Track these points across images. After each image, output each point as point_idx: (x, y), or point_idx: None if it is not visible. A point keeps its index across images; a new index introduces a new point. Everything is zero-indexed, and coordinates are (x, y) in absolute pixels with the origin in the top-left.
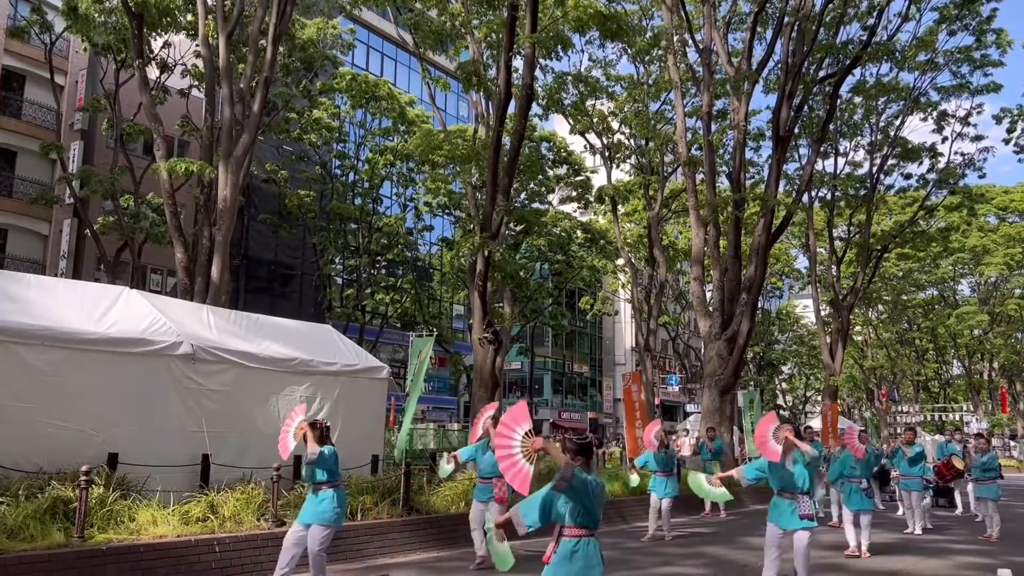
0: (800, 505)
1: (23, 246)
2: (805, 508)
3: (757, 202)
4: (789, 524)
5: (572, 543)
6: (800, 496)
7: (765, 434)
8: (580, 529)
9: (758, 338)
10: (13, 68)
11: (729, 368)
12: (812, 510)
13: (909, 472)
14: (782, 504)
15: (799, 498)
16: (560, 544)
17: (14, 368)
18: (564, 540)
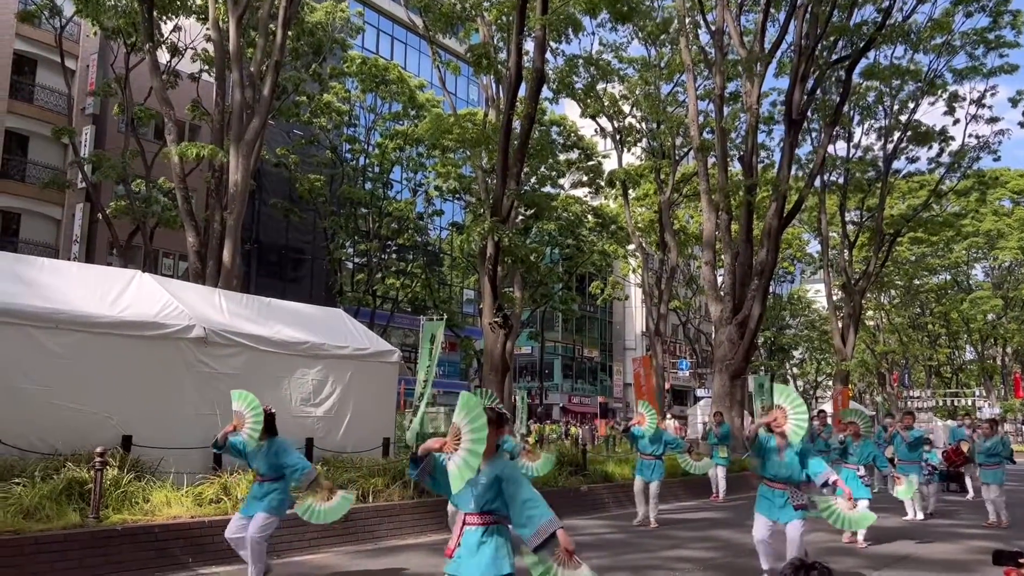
0: (793, 496)
1: (36, 230)
2: (798, 499)
3: (769, 186)
4: (782, 516)
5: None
6: (791, 487)
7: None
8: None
9: (769, 323)
10: (25, 53)
11: (740, 353)
12: (805, 500)
13: (908, 457)
14: (773, 494)
15: (791, 489)
16: (464, 534)
17: (29, 351)
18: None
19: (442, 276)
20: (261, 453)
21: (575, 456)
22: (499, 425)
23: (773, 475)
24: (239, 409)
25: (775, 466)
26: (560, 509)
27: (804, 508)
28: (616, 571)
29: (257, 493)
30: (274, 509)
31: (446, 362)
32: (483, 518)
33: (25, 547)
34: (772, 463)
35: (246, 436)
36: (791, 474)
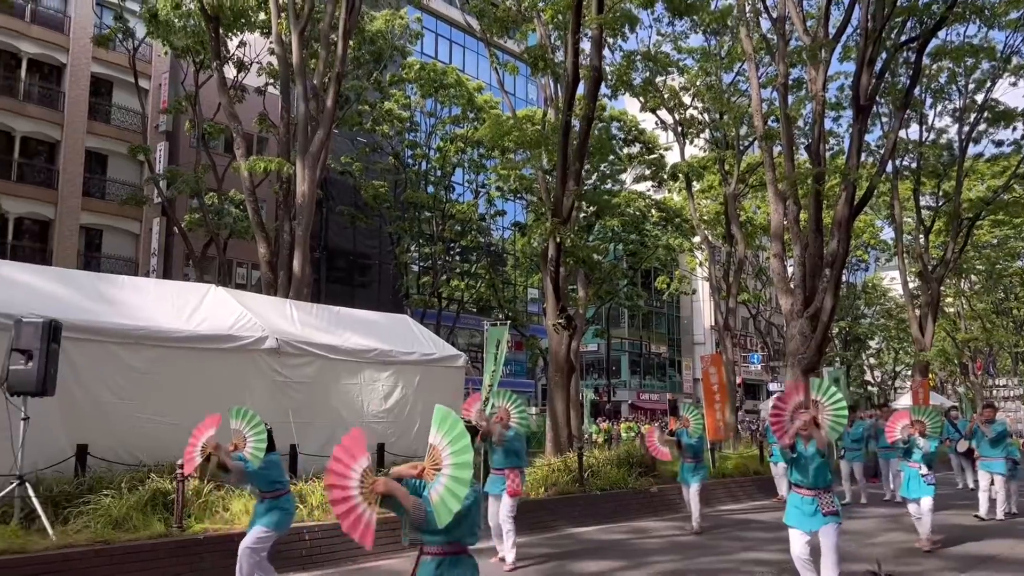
0: (823, 502)
1: (117, 245)
2: (829, 505)
3: (838, 174)
4: (812, 525)
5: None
6: (822, 493)
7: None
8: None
9: (843, 313)
10: (101, 75)
11: (812, 346)
12: (836, 506)
13: (990, 453)
14: (802, 502)
15: (821, 495)
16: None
17: (113, 367)
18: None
19: (506, 276)
20: (257, 470)
21: (644, 456)
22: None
23: (800, 480)
24: (238, 427)
25: (802, 470)
26: (631, 510)
27: (836, 514)
28: (688, 575)
29: (260, 511)
30: (275, 524)
31: (512, 361)
32: (442, 547)
33: (115, 556)
34: (800, 467)
35: (249, 455)
36: (817, 477)
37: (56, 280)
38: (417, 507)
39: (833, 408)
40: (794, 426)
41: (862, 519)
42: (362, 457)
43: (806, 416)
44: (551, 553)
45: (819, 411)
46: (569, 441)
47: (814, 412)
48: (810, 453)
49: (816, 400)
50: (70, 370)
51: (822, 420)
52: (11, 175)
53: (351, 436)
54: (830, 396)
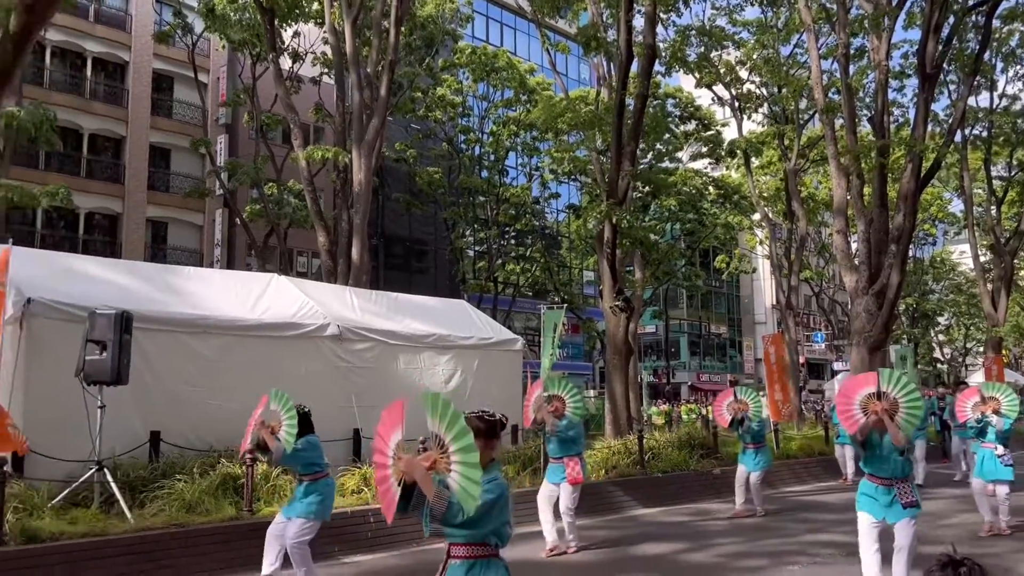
0: (900, 492)
1: (182, 237)
2: (907, 496)
3: (903, 146)
4: (888, 516)
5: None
6: (899, 483)
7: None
8: (473, 547)
9: (910, 289)
10: (162, 71)
11: (878, 324)
12: (916, 496)
13: None
14: (876, 491)
15: (898, 484)
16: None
17: (182, 355)
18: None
19: (561, 259)
20: (295, 452)
21: (706, 438)
22: (490, 435)
23: (875, 471)
24: (275, 409)
25: (877, 460)
26: (692, 492)
27: (914, 505)
28: (754, 557)
29: (299, 494)
30: (313, 513)
31: (569, 344)
32: (470, 549)
33: (190, 539)
34: (876, 457)
35: (283, 437)
36: (896, 468)
37: (126, 273)
38: (440, 496)
39: (907, 401)
40: (866, 421)
41: (933, 500)
42: (396, 430)
43: (878, 408)
44: (613, 536)
45: (891, 404)
46: (629, 424)
47: (886, 405)
48: (887, 442)
49: (887, 392)
50: (142, 359)
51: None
52: (80, 171)
53: (391, 408)
54: (903, 387)
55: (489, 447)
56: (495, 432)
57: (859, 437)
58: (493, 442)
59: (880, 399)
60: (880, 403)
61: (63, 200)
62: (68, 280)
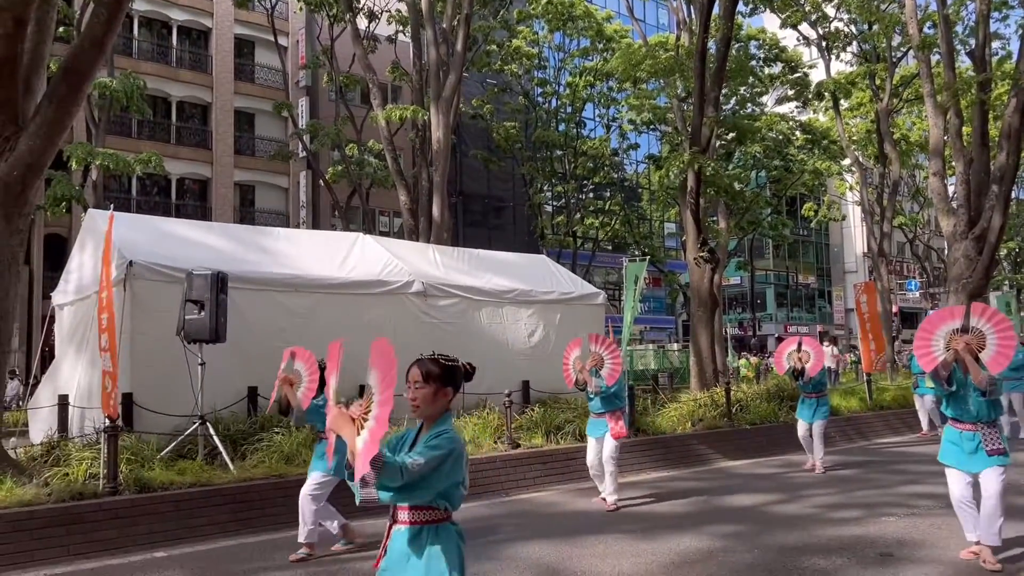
0: (986, 438)
1: (268, 199)
2: (993, 443)
3: (1006, 80)
4: (973, 466)
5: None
6: (985, 427)
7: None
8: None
9: (1012, 232)
10: (243, 36)
11: (979, 269)
12: (1003, 443)
13: None
14: (960, 438)
15: (984, 429)
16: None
17: (275, 313)
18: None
19: (641, 211)
20: (313, 408)
21: (795, 390)
22: (445, 382)
23: (958, 414)
24: (298, 367)
25: (960, 402)
26: (782, 444)
27: (1002, 453)
28: (849, 508)
29: (318, 451)
30: (334, 468)
31: (651, 298)
32: (416, 513)
33: (289, 488)
34: (958, 399)
35: (301, 393)
36: (980, 410)
37: (220, 235)
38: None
39: (999, 337)
40: (945, 358)
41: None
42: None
43: (960, 344)
44: (701, 487)
45: (977, 338)
46: (715, 376)
47: (971, 339)
48: (971, 382)
49: (977, 327)
50: (238, 318)
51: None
52: (170, 138)
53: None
54: (995, 321)
55: (442, 395)
56: (453, 379)
57: (942, 372)
58: (447, 390)
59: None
60: (964, 337)
61: (156, 167)
62: (166, 243)
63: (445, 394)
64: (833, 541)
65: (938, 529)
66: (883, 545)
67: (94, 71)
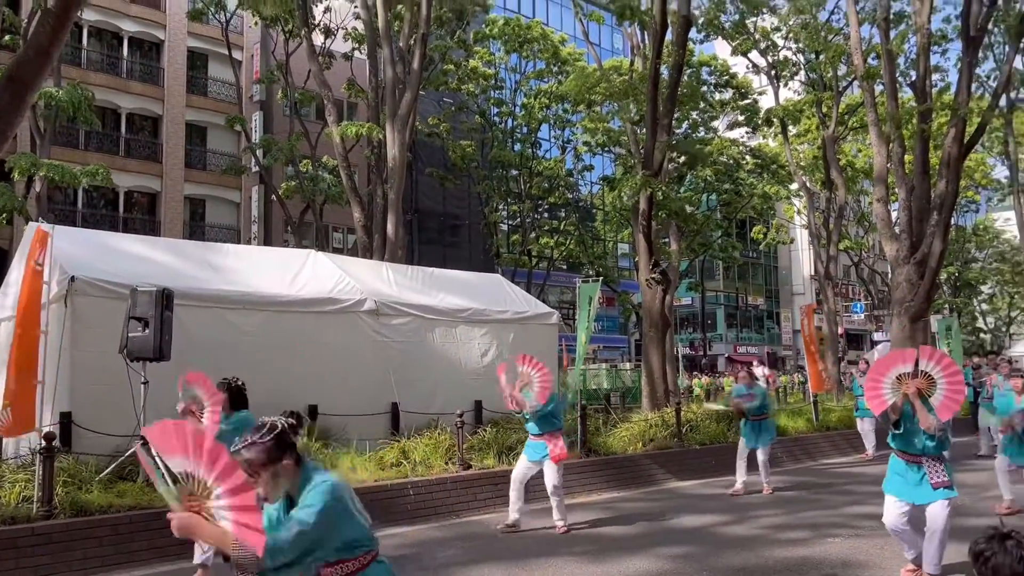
0: (931, 471)
1: (220, 214)
2: (938, 475)
3: (946, 111)
4: (918, 497)
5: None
6: (929, 460)
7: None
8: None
9: (952, 257)
10: (197, 49)
11: (920, 293)
12: (948, 476)
13: None
14: (906, 470)
15: (928, 462)
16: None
17: (223, 331)
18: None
19: (595, 231)
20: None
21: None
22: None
23: (904, 447)
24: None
25: (907, 435)
26: (731, 465)
27: (947, 486)
28: (796, 529)
29: None
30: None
31: (604, 317)
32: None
33: None
34: (905, 431)
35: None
36: (926, 445)
37: (166, 250)
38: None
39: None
40: (894, 402)
41: (975, 471)
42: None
43: (910, 389)
44: (650, 508)
45: (926, 382)
46: (666, 396)
47: (922, 383)
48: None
49: (927, 370)
50: (184, 335)
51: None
52: (119, 150)
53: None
54: (944, 367)
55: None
56: (283, 446)
57: (892, 416)
58: (285, 462)
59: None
60: (915, 381)
61: (103, 179)
62: (110, 258)
63: (286, 467)
64: (780, 563)
65: (881, 550)
66: (828, 567)
67: (39, 81)
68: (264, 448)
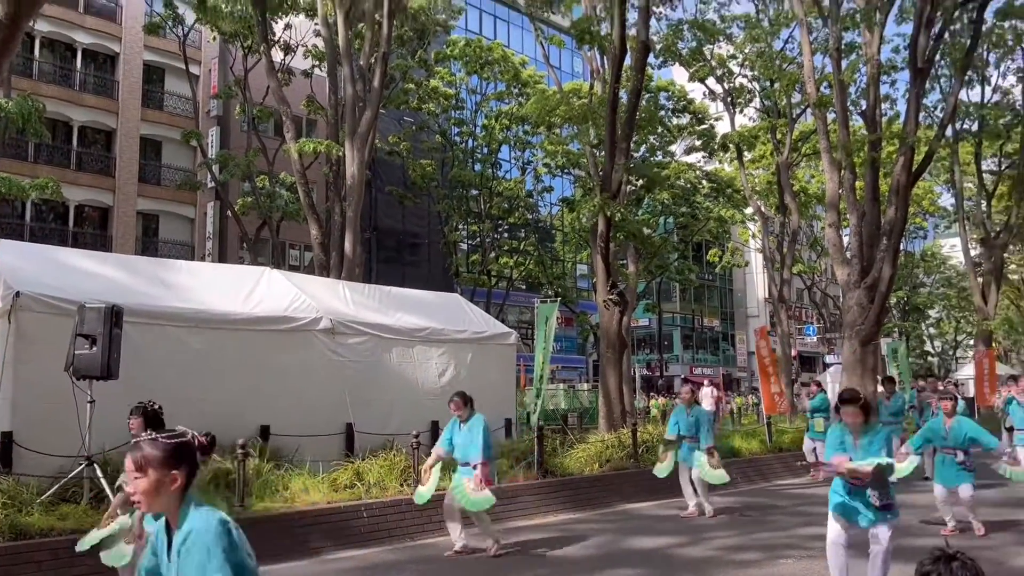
0: (876, 494)
1: (174, 230)
2: (883, 498)
3: (895, 140)
4: (862, 520)
5: None
6: (872, 483)
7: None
8: None
9: (901, 282)
10: (153, 63)
11: (870, 317)
12: (893, 498)
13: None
14: (852, 493)
15: (871, 485)
16: None
17: (174, 350)
18: None
19: (555, 252)
20: None
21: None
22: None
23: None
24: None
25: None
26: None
27: (891, 508)
28: (749, 550)
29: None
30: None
31: (562, 337)
32: None
33: None
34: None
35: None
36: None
37: (116, 266)
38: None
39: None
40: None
41: (922, 492)
42: None
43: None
44: (605, 530)
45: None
46: (623, 417)
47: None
48: (863, 443)
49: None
50: (133, 354)
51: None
52: (70, 164)
53: None
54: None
55: (170, 481)
56: (181, 458)
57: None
58: (176, 474)
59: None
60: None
61: (52, 192)
62: (57, 273)
63: (174, 479)
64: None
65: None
66: None
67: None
68: (164, 447)
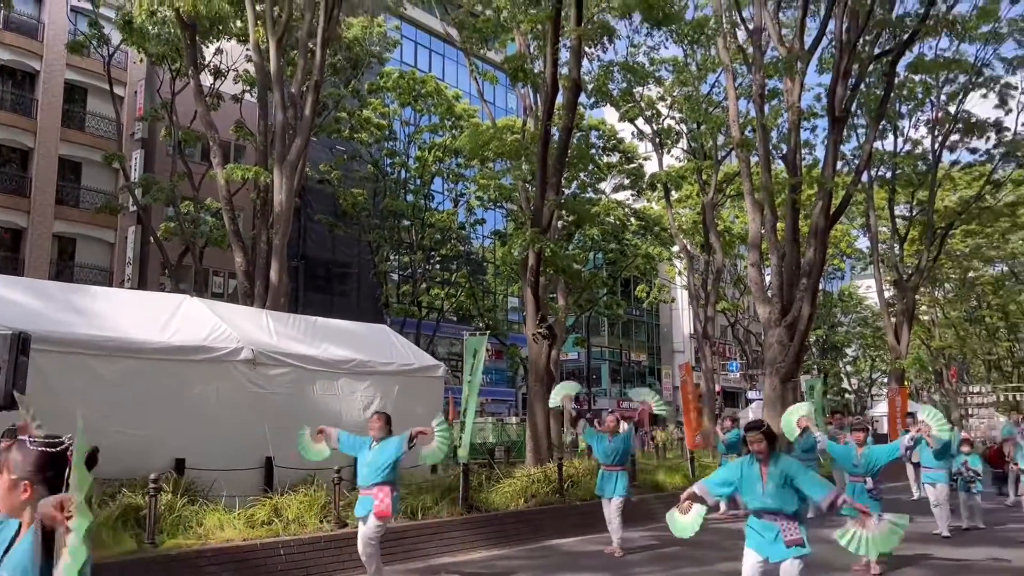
0: (785, 530)
1: (91, 254)
2: (792, 533)
3: (814, 184)
4: (773, 554)
5: None
6: (783, 519)
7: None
8: None
9: (820, 320)
10: (75, 82)
11: (790, 354)
12: (802, 534)
13: (935, 464)
14: (763, 528)
15: (782, 521)
16: None
17: (84, 379)
18: None
19: (486, 284)
20: None
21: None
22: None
23: (758, 507)
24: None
25: (758, 496)
26: None
27: (799, 544)
28: None
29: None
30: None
31: (493, 370)
32: None
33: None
34: (755, 493)
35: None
36: (780, 504)
37: (26, 291)
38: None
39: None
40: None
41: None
42: None
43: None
44: (529, 566)
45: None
46: (549, 451)
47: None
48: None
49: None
50: (40, 382)
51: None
52: None
53: None
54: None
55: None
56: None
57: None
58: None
59: None
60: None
61: None
62: None
63: (28, 487)
64: None
65: None
66: None
67: None
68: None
